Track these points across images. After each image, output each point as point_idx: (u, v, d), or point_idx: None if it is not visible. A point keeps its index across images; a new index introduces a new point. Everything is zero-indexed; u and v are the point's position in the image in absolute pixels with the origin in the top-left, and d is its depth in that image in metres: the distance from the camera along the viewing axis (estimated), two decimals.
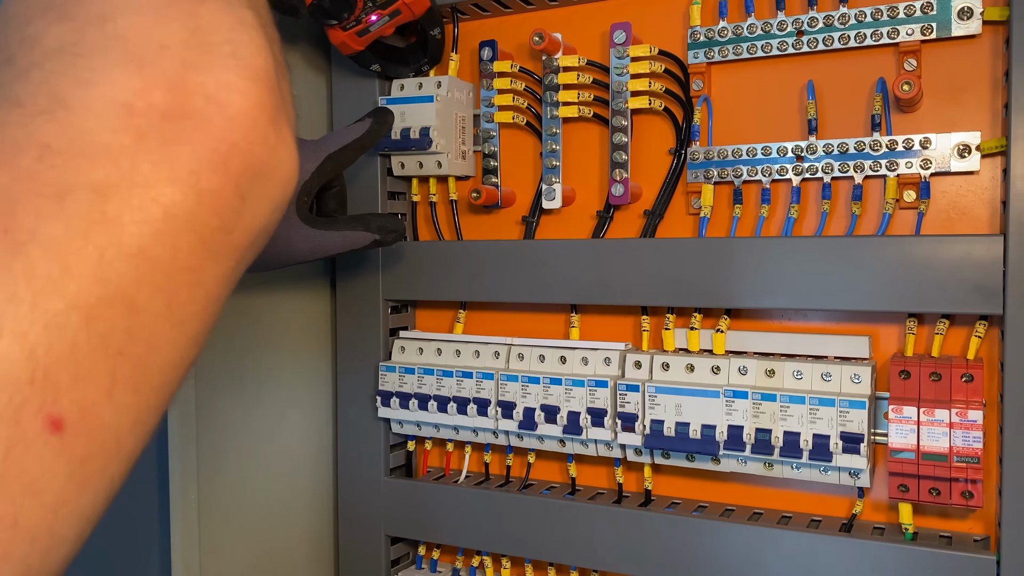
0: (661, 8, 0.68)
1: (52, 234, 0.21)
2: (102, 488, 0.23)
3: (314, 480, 0.80)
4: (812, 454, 0.58)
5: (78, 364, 0.21)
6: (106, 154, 0.23)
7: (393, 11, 0.62)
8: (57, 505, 0.21)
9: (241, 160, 0.25)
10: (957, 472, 0.55)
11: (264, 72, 0.26)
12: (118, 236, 0.22)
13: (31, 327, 0.20)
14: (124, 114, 0.23)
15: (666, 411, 0.63)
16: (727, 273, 0.62)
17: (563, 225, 0.73)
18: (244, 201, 0.26)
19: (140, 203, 0.23)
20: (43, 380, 0.21)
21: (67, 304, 0.21)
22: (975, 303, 0.55)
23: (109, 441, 0.23)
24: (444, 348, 0.74)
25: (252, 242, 0.27)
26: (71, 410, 0.21)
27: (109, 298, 0.22)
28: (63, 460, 0.21)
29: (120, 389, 0.23)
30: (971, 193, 0.59)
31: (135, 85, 0.23)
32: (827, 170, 0.62)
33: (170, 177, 0.23)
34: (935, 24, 0.58)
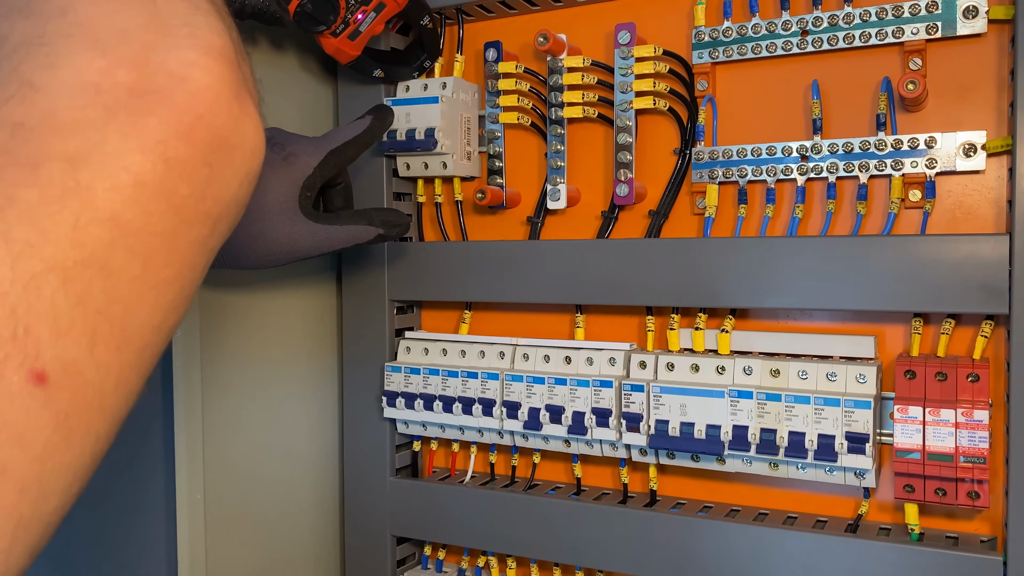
0: (665, 8, 0.68)
1: (28, 200, 0.22)
2: (88, 443, 0.24)
3: (320, 480, 0.80)
4: (817, 454, 0.58)
5: (58, 322, 0.22)
6: (76, 128, 0.24)
7: (377, 4, 0.62)
8: (44, 456, 0.22)
9: (206, 130, 0.26)
10: (963, 472, 0.55)
11: (223, 50, 0.27)
12: (91, 202, 0.23)
13: (11, 287, 0.22)
14: (91, 91, 0.24)
15: (671, 411, 0.63)
16: (732, 273, 0.62)
17: (568, 225, 0.73)
18: (212, 169, 0.27)
19: (111, 171, 0.24)
20: (24, 336, 0.22)
21: (45, 266, 0.22)
22: (981, 303, 0.55)
23: (93, 397, 0.24)
24: (449, 348, 0.74)
25: (224, 211, 0.28)
26: (54, 365, 0.22)
27: (85, 260, 0.23)
28: (48, 412, 0.22)
29: (101, 347, 0.24)
30: (977, 192, 0.59)
31: (99, 65, 0.25)
32: (832, 170, 0.62)
33: (139, 147, 0.25)
34: (940, 23, 0.58)
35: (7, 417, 0.21)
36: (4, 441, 0.21)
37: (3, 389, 0.21)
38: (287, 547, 0.76)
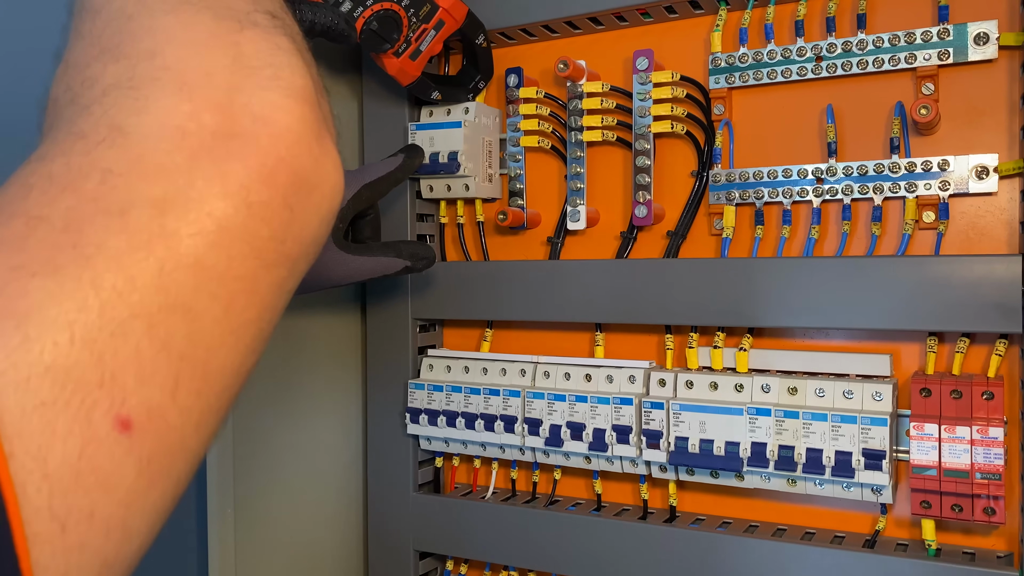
0: (682, 35, 0.70)
1: (116, 247, 0.23)
2: (169, 485, 0.25)
3: (344, 496, 0.81)
4: (835, 470, 0.59)
5: (143, 368, 0.23)
6: (162, 173, 0.24)
7: (437, 22, 0.64)
8: (128, 500, 0.23)
9: (288, 173, 0.27)
10: (979, 488, 0.56)
11: (305, 91, 0.28)
12: (176, 248, 0.24)
13: (99, 334, 0.22)
14: (177, 136, 0.25)
15: (690, 428, 0.64)
16: (749, 292, 0.64)
17: (587, 246, 0.75)
18: (293, 212, 0.27)
19: (195, 216, 0.25)
20: (111, 383, 0.22)
21: (131, 312, 0.23)
22: (995, 322, 0.56)
23: (174, 441, 0.24)
24: (471, 366, 0.76)
25: (303, 252, 0.29)
26: (138, 411, 0.23)
27: (169, 306, 0.24)
28: (132, 457, 0.23)
29: (183, 392, 0.24)
30: (989, 214, 0.60)
31: (185, 109, 0.25)
32: (847, 192, 0.63)
33: (222, 191, 0.25)
34: (952, 49, 0.59)
35: (95, 463, 0.22)
36: (91, 486, 0.22)
37: (90, 435, 0.22)
38: (312, 562, 0.78)
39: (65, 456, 0.21)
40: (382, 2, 0.59)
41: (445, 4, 0.64)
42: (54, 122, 0.26)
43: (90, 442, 0.22)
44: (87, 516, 0.22)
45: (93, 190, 0.24)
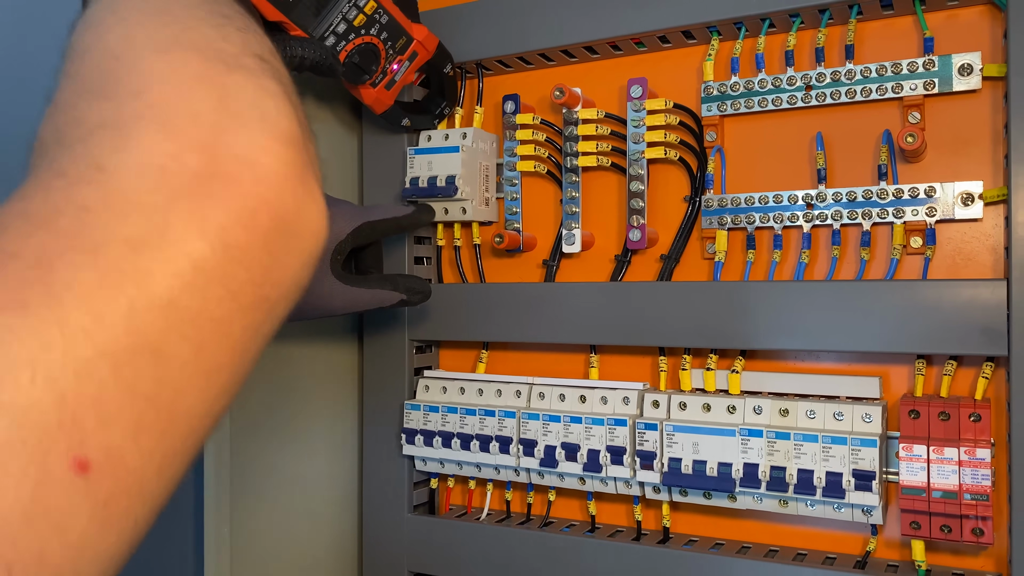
0: (675, 64, 0.72)
1: (86, 285, 0.23)
2: (126, 529, 0.24)
3: (339, 517, 0.82)
4: (825, 491, 0.60)
5: (105, 409, 0.22)
6: (139, 211, 0.24)
7: (411, 54, 0.66)
8: (81, 544, 0.22)
9: (270, 216, 0.26)
10: (967, 509, 0.57)
11: (291, 133, 0.28)
12: (148, 287, 0.24)
13: (62, 373, 0.22)
14: (157, 175, 0.25)
15: (684, 449, 0.65)
16: (741, 315, 0.65)
17: (582, 268, 0.76)
18: (273, 255, 0.27)
19: (171, 256, 0.24)
20: (71, 424, 0.22)
21: (97, 352, 0.22)
22: (981, 345, 0.57)
23: (133, 484, 0.24)
24: (467, 387, 0.76)
25: (283, 295, 0.28)
26: (97, 453, 0.22)
27: (138, 347, 0.23)
28: (88, 501, 0.22)
29: (146, 434, 0.24)
30: (975, 240, 0.62)
31: (168, 148, 0.25)
32: (836, 217, 0.64)
33: (200, 232, 0.25)
34: (937, 80, 0.61)
35: (48, 504, 0.21)
36: (43, 529, 0.21)
37: (45, 477, 0.21)
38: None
39: (17, 497, 0.21)
40: (362, 36, 0.61)
41: (419, 36, 0.66)
42: (38, 161, 0.26)
43: (44, 484, 0.21)
44: (36, 560, 0.21)
45: (67, 227, 0.23)
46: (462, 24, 0.76)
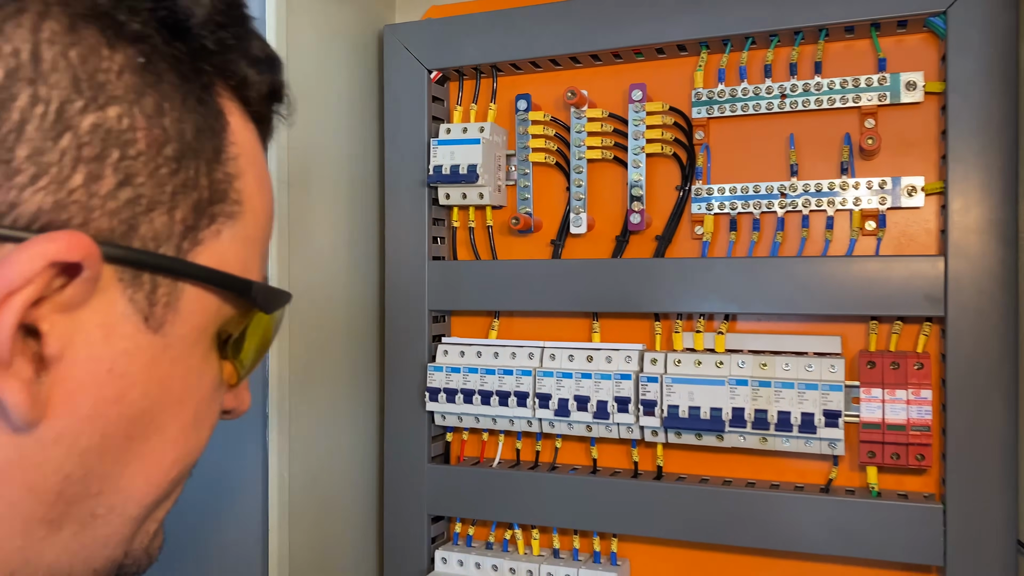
0: (670, 72, 0.84)
1: None
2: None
3: (361, 465, 0.92)
4: (801, 428, 0.73)
5: None
6: None
7: None
8: None
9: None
10: (913, 439, 0.71)
11: None
12: None
13: None
14: None
15: (681, 397, 0.77)
16: (725, 286, 0.77)
17: (585, 247, 0.87)
18: None
19: None
20: None
21: None
22: (923, 308, 0.71)
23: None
24: (483, 351, 0.87)
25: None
26: None
27: None
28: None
29: None
30: (917, 224, 0.76)
31: None
32: (805, 205, 0.78)
33: None
34: (889, 92, 0.75)
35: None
36: None
37: None
38: (337, 521, 0.88)
39: None
40: None
41: None
42: None
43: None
44: None
45: None
46: (479, 30, 0.86)
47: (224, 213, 0.35)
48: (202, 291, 0.35)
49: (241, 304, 0.37)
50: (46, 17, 0.30)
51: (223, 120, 0.35)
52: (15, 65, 0.29)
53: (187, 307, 0.34)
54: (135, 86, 0.32)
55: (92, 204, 0.30)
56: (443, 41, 0.88)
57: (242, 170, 0.36)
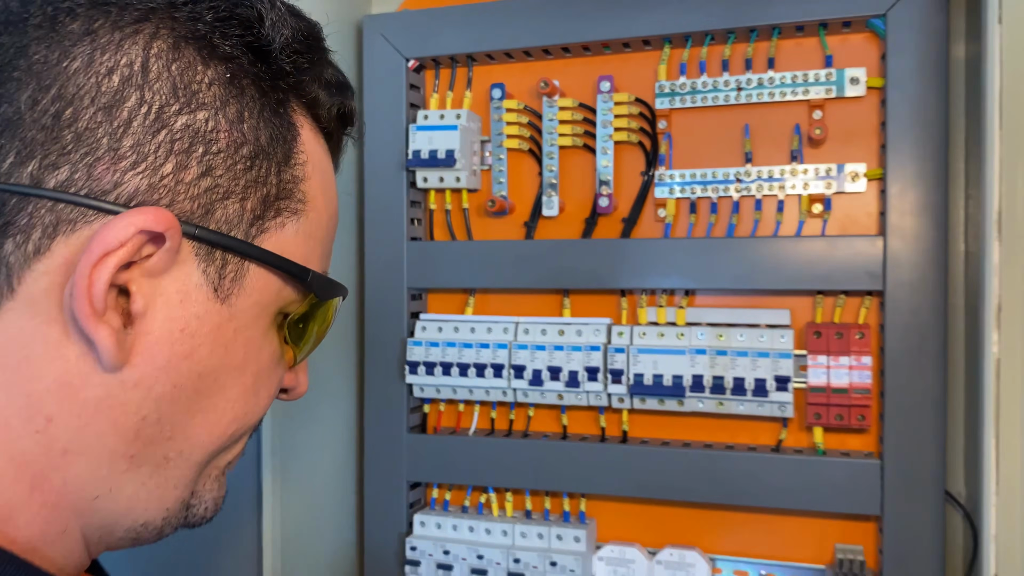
0: (636, 66, 0.90)
1: None
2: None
3: (341, 434, 0.97)
4: (754, 392, 0.80)
5: None
6: None
7: None
8: None
9: None
10: (855, 401, 0.79)
11: None
12: None
13: None
14: None
15: (645, 366, 0.84)
16: (685, 264, 0.84)
17: (557, 229, 0.93)
18: None
19: None
20: None
21: None
22: (864, 283, 0.79)
23: None
24: (460, 327, 0.92)
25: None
26: None
27: None
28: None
29: None
30: (859, 207, 0.83)
31: None
32: (759, 189, 0.85)
33: None
34: (834, 87, 0.82)
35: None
36: None
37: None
38: (320, 489, 0.92)
39: None
40: None
41: None
42: None
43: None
44: None
45: None
46: (456, 22, 0.91)
47: (289, 209, 0.41)
48: (265, 272, 0.40)
49: (299, 289, 0.42)
50: (156, 37, 0.37)
51: (294, 131, 0.41)
52: (128, 74, 0.36)
53: (251, 284, 0.40)
54: (221, 96, 0.38)
55: (178, 189, 0.37)
56: (420, 31, 0.93)
57: (308, 175, 0.42)
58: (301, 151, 0.42)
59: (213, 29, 0.38)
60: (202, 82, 0.38)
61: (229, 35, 0.38)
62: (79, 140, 0.35)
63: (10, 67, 0.36)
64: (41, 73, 0.35)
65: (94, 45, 0.36)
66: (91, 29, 0.36)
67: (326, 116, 0.44)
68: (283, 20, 0.41)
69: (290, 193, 0.41)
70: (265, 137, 0.40)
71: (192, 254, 0.37)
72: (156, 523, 0.41)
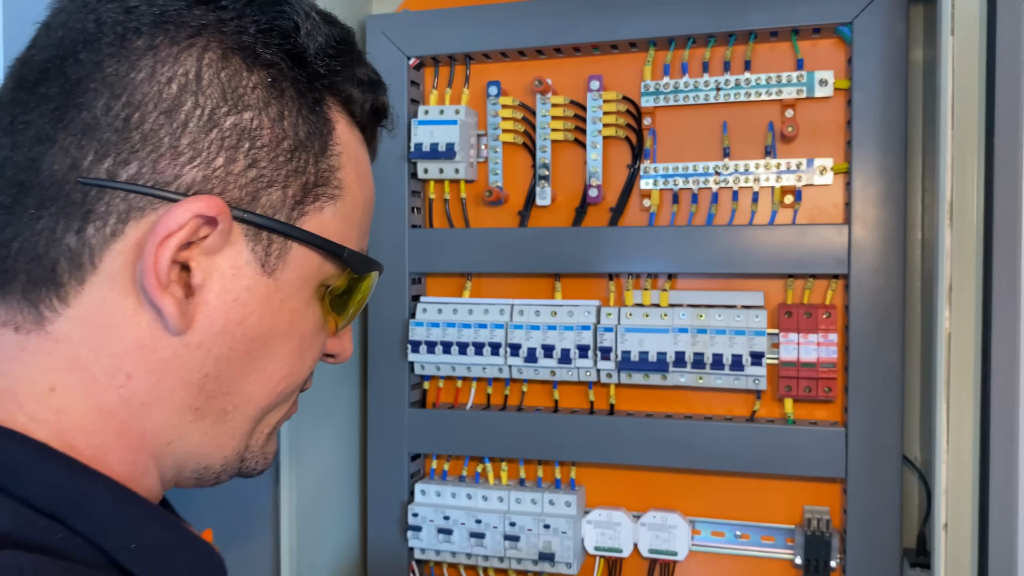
0: (623, 66, 0.97)
1: None
2: None
3: (347, 413, 1.03)
4: (731, 367, 0.88)
5: None
6: None
7: None
8: None
9: None
10: (822, 374, 0.87)
11: None
12: None
13: None
14: None
15: (632, 344, 0.91)
16: (668, 250, 0.91)
17: (548, 217, 1.00)
18: None
19: None
20: None
21: None
22: (830, 267, 0.87)
23: None
24: (459, 308, 0.99)
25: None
26: None
27: None
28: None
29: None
30: (827, 198, 0.91)
31: None
32: (735, 182, 0.92)
33: None
34: (805, 88, 0.89)
35: None
36: None
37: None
38: (326, 461, 0.99)
39: None
40: None
41: None
42: None
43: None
44: None
45: None
46: (455, 23, 0.98)
47: (326, 195, 0.47)
48: (306, 250, 0.47)
49: (337, 264, 0.49)
50: (207, 49, 0.43)
51: (330, 126, 0.48)
52: (185, 82, 0.42)
53: (294, 260, 0.46)
54: (264, 98, 0.44)
55: (228, 179, 0.43)
56: (421, 31, 0.99)
57: (343, 164, 0.48)
58: (336, 143, 0.48)
59: (256, 40, 0.44)
60: (247, 87, 0.44)
61: (270, 44, 0.44)
62: (145, 140, 0.42)
63: (88, 79, 0.42)
64: (113, 84, 0.42)
65: (156, 58, 0.42)
66: (153, 45, 0.42)
67: (359, 111, 0.50)
68: (317, 28, 0.47)
69: (327, 180, 0.47)
70: (303, 132, 0.46)
71: (242, 235, 0.44)
72: (215, 468, 0.48)
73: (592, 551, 0.96)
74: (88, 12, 0.43)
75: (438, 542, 0.98)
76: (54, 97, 0.42)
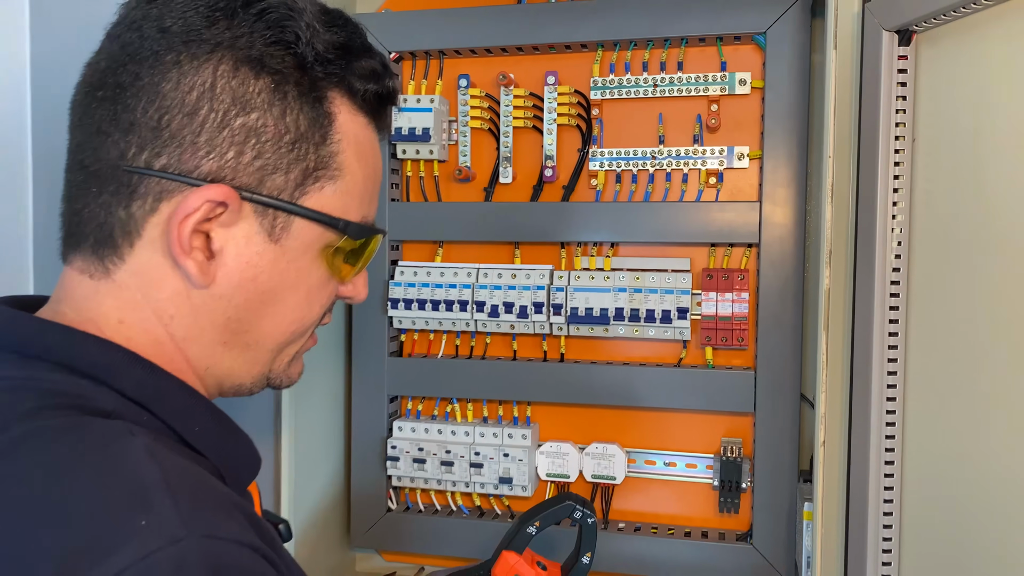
0: (576, 64, 1.13)
1: None
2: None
3: (334, 361, 1.18)
4: (661, 320, 1.05)
5: None
6: None
7: None
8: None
9: None
10: (736, 327, 1.04)
11: None
12: None
13: None
14: None
15: (579, 302, 1.08)
16: (612, 222, 1.08)
17: (510, 193, 1.16)
18: None
19: None
20: None
21: None
22: (745, 237, 1.04)
23: None
24: (432, 271, 1.15)
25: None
26: None
27: None
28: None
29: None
30: (744, 179, 1.08)
31: None
32: (669, 165, 1.09)
33: None
34: (727, 86, 1.06)
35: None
36: None
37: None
38: (314, 403, 1.15)
39: None
40: None
41: None
42: None
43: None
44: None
45: None
46: (431, 23, 1.13)
47: (326, 176, 0.56)
48: (307, 223, 0.57)
49: (336, 232, 0.59)
50: (222, 62, 0.53)
51: (330, 118, 0.57)
52: (202, 91, 0.52)
53: (297, 231, 0.57)
54: (268, 100, 0.54)
55: (238, 169, 0.54)
56: (401, 29, 1.14)
57: (343, 149, 0.57)
58: (336, 132, 0.57)
59: (263, 52, 0.53)
60: (254, 92, 0.53)
61: (275, 55, 0.53)
62: (172, 137, 0.52)
63: (131, 87, 0.52)
64: (149, 91, 0.52)
65: (180, 71, 0.52)
66: (178, 60, 0.54)
67: (362, 99, 0.58)
68: (316, 37, 0.56)
69: (327, 164, 0.57)
70: (304, 126, 0.55)
71: (252, 212, 0.54)
72: (247, 384, 0.61)
73: (544, 477, 1.13)
74: (134, 30, 0.53)
75: (413, 470, 1.15)
76: (107, 100, 0.53)
